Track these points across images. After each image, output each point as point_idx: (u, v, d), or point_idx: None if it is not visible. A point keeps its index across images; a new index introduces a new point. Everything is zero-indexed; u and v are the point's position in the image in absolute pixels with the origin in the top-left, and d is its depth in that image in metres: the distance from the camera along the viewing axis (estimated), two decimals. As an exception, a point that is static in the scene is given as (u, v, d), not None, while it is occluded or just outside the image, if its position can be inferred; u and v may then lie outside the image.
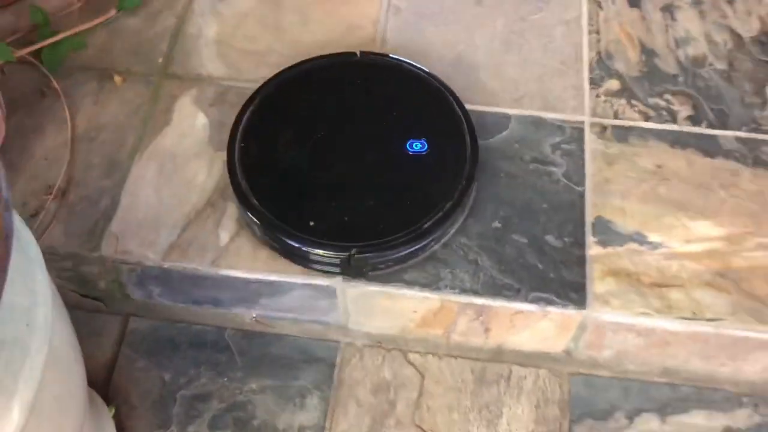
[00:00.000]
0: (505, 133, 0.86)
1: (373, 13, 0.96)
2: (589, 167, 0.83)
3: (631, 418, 0.80)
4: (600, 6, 0.96)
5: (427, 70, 0.86)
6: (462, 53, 0.92)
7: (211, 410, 0.81)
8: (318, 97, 0.84)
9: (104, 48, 0.94)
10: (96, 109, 0.89)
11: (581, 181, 0.82)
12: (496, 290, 0.76)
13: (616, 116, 0.87)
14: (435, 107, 0.83)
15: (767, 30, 0.93)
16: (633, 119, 0.87)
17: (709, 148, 0.84)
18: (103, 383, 0.83)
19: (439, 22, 0.95)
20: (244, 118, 0.82)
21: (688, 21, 0.95)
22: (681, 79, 0.90)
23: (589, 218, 0.80)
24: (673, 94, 0.88)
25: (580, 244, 0.78)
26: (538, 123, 0.86)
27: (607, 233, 0.79)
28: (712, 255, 0.77)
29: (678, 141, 0.85)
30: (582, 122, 0.86)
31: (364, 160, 0.80)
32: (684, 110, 0.87)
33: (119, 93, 0.90)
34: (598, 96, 0.88)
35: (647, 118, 0.87)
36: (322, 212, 0.77)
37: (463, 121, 0.82)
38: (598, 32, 0.94)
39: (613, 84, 0.89)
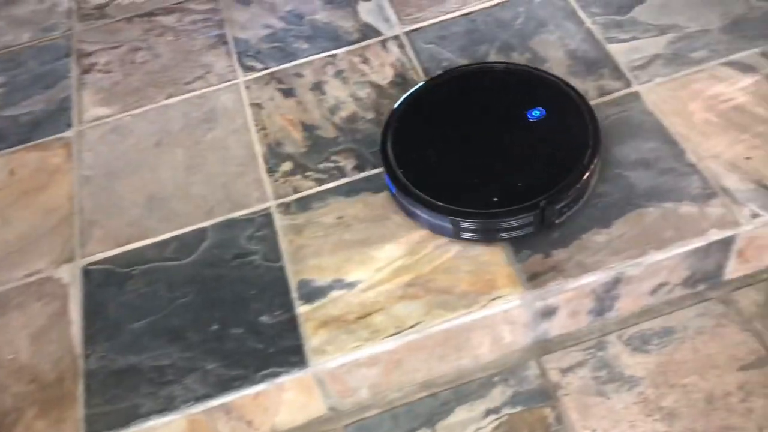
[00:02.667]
0: (205, 243, 0.94)
1: (67, 189, 1.03)
2: (283, 243, 0.92)
3: (405, 440, 0.86)
4: (261, 107, 1.08)
5: (516, 63, 1.05)
6: (153, 192, 1.00)
7: None
8: (447, 107, 0.98)
9: None
10: None
11: (278, 257, 0.90)
12: (226, 385, 0.81)
13: (296, 191, 0.97)
14: (541, 86, 0.98)
15: (399, 72, 1.09)
16: (310, 188, 0.97)
17: (377, 185, 0.95)
18: None
19: (127, 173, 1.04)
20: (390, 150, 0.93)
21: (335, 90, 1.08)
22: (341, 138, 1.02)
23: (292, 285, 0.87)
24: (338, 153, 1.00)
25: (291, 312, 0.85)
26: (231, 224, 0.95)
27: (311, 291, 0.87)
28: (399, 271, 0.86)
29: (351, 190, 0.96)
30: (268, 208, 0.96)
31: (505, 139, 0.93)
32: (349, 163, 0.99)
33: None
34: (276, 181, 0.98)
35: (321, 182, 0.97)
36: (498, 187, 0.88)
37: (571, 90, 0.97)
38: (264, 128, 1.05)
39: (287, 166, 1.00)
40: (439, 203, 0.87)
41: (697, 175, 0.89)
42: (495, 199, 0.86)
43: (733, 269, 0.89)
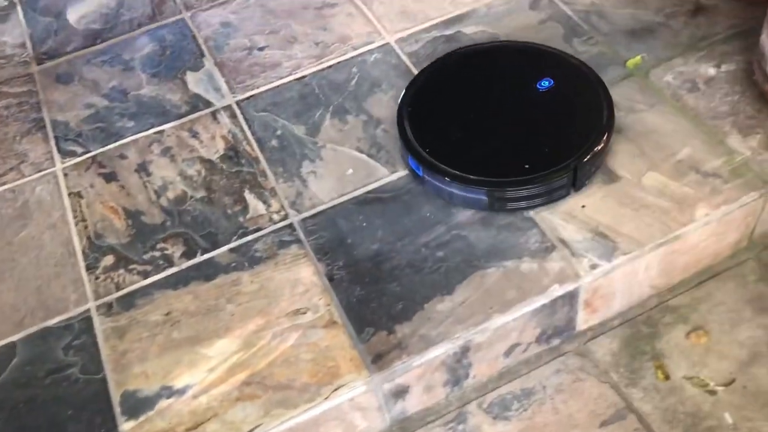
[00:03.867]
0: (15, 361, 0.82)
1: None
2: (104, 349, 0.82)
3: None
4: (80, 195, 0.98)
5: (512, 40, 1.07)
6: (-46, 307, 0.89)
7: None
8: (454, 87, 0.99)
9: None
10: None
11: (99, 368, 0.80)
12: None
13: (118, 288, 0.88)
14: (543, 58, 1.00)
15: (230, 145, 1.02)
16: (134, 282, 0.88)
17: (208, 272, 0.88)
18: None
19: (-74, 288, 0.91)
20: (409, 132, 0.93)
21: (162, 169, 1.00)
22: (169, 223, 0.94)
23: (115, 399, 0.78)
24: (165, 240, 0.92)
25: (114, 431, 0.76)
26: (45, 334, 0.84)
27: (136, 404, 0.77)
28: (234, 369, 0.79)
29: (180, 281, 0.87)
30: (88, 310, 0.86)
31: (520, 110, 0.95)
32: (178, 250, 0.90)
33: None
34: (97, 278, 0.89)
35: (146, 275, 0.88)
36: (527, 156, 0.88)
37: (572, 59, 1.00)
38: (84, 219, 0.96)
39: (109, 259, 0.91)
40: (472, 176, 0.86)
41: (535, 228, 0.86)
42: (526, 166, 0.86)
43: (584, 320, 0.87)
